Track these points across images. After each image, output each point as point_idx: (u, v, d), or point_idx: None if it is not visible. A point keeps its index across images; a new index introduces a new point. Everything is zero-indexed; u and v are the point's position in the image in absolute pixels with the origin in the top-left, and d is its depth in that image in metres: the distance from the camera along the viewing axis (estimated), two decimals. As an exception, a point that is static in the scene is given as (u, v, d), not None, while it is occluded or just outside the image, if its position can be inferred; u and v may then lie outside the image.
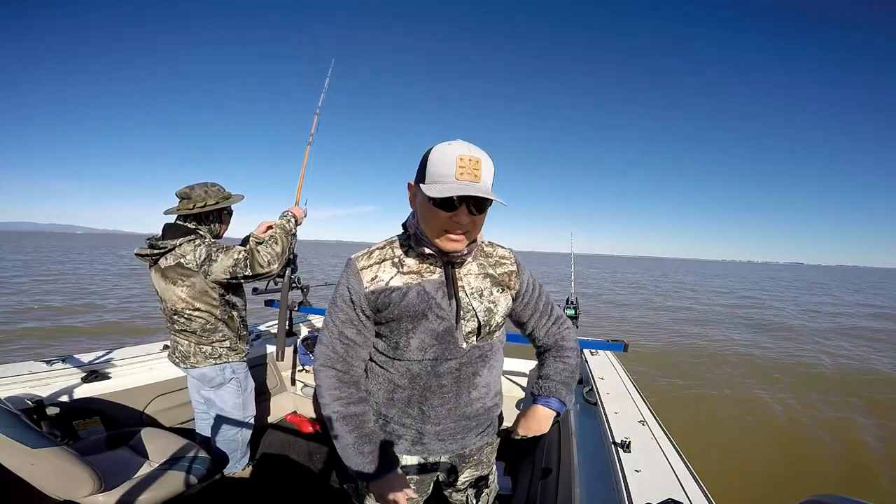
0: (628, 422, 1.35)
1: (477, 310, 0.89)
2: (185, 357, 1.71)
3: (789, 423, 4.21)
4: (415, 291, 0.86)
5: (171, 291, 1.64)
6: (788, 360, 6.84)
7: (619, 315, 11.12)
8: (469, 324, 0.89)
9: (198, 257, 1.61)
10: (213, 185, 1.75)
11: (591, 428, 1.40)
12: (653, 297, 16.42)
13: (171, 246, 1.61)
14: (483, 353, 0.92)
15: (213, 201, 1.71)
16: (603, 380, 1.79)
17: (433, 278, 0.88)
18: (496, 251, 0.99)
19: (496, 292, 0.93)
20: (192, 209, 1.66)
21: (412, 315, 0.86)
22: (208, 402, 1.80)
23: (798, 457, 3.49)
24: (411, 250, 0.90)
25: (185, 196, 1.69)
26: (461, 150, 0.76)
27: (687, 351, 7.13)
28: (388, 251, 0.92)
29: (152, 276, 1.69)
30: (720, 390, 5.13)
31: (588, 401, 1.61)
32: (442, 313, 0.87)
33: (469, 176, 0.75)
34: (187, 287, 1.63)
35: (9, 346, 5.80)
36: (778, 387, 5.37)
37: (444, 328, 0.87)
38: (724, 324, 10.33)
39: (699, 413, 4.39)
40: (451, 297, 0.87)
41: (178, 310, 1.65)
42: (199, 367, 1.71)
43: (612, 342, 2.07)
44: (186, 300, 1.64)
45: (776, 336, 8.93)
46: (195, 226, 1.70)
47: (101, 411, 1.78)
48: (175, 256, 1.62)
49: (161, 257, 1.64)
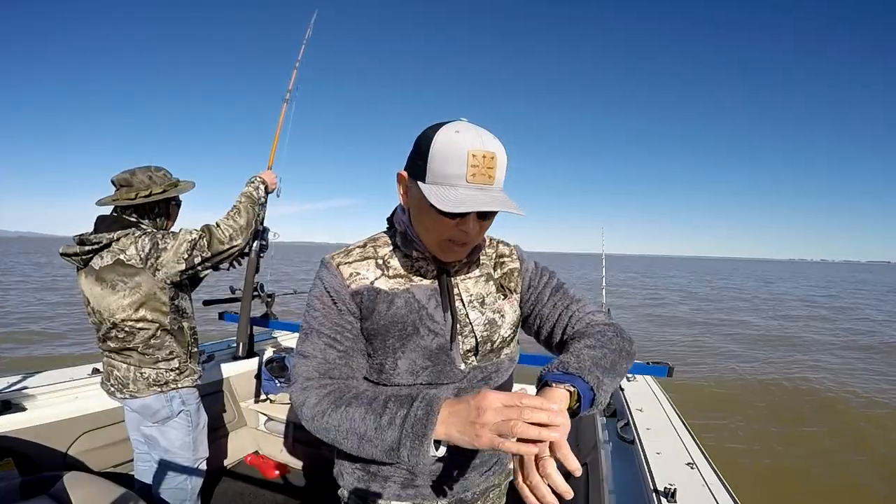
0: (674, 464, 1.35)
1: (475, 323, 0.90)
2: (122, 385, 1.68)
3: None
4: (402, 300, 0.87)
5: (109, 298, 1.62)
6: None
7: (659, 331, 11.14)
8: (468, 340, 0.90)
9: (141, 249, 1.60)
10: (157, 169, 1.75)
11: (627, 471, 1.40)
12: (705, 305, 16.44)
13: (106, 241, 1.60)
14: (487, 376, 0.92)
15: (158, 189, 1.70)
16: (642, 412, 1.79)
17: (424, 284, 0.89)
18: (497, 248, 0.99)
19: (500, 299, 0.94)
20: (133, 199, 1.65)
21: (400, 329, 0.86)
22: (150, 440, 1.78)
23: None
24: (398, 250, 0.91)
25: (126, 183, 1.68)
26: (472, 142, 0.74)
27: (755, 378, 7.13)
28: (369, 250, 0.92)
29: (81, 280, 1.68)
30: (804, 424, 5.08)
31: (623, 438, 1.61)
32: (435, 327, 0.87)
33: (483, 177, 0.75)
34: (130, 290, 1.61)
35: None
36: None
37: (439, 346, 0.87)
38: (821, 346, 10.26)
39: (766, 453, 4.38)
40: (445, 308, 0.88)
41: (117, 322, 1.63)
42: (139, 396, 1.69)
43: (653, 365, 2.07)
44: (127, 308, 1.62)
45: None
46: (136, 219, 1.70)
47: (14, 451, 1.77)
48: (113, 253, 1.60)
49: (94, 256, 1.63)
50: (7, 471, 1.74)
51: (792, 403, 5.99)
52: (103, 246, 1.61)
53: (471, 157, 0.74)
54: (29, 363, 6.51)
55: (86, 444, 1.96)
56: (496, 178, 0.77)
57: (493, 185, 0.76)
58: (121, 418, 1.95)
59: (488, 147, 0.75)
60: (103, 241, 1.60)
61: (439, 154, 0.75)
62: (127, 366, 1.68)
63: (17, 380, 2.03)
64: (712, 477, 1.28)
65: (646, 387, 2.13)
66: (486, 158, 0.75)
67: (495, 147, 0.77)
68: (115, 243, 1.61)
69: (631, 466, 1.43)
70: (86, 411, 1.97)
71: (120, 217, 1.68)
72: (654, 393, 2.05)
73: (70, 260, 1.66)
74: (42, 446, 1.85)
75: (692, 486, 1.23)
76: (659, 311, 15.35)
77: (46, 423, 1.87)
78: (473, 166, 0.74)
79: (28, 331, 8.67)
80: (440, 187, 0.75)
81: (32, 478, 1.66)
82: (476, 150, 0.74)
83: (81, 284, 1.68)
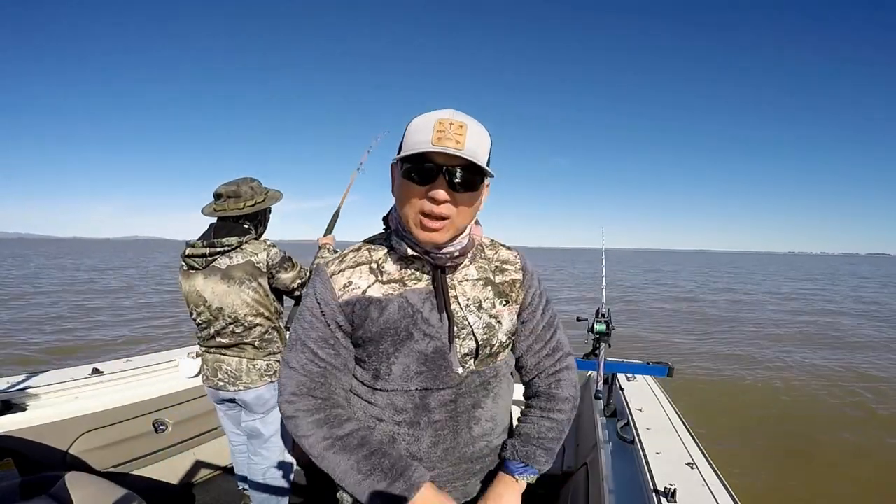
0: (674, 464, 1.35)
1: (474, 326, 0.88)
2: (234, 378, 1.79)
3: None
4: (396, 304, 0.86)
5: (234, 295, 1.75)
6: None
7: (656, 329, 11.13)
8: (465, 343, 0.88)
9: (271, 259, 1.79)
10: (252, 180, 1.89)
11: (627, 471, 1.41)
12: (707, 300, 16.41)
13: (237, 243, 1.76)
14: (485, 381, 0.91)
15: (260, 199, 1.87)
16: (642, 412, 1.79)
17: (419, 287, 0.88)
18: (499, 253, 0.98)
19: (500, 304, 0.92)
20: (241, 209, 1.80)
21: (393, 334, 0.85)
22: (252, 433, 1.88)
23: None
24: (392, 252, 0.90)
25: (234, 195, 1.82)
26: (443, 114, 0.76)
27: (758, 375, 7.13)
28: (364, 254, 0.92)
29: (197, 280, 1.78)
30: (812, 425, 5.07)
31: (623, 438, 1.62)
32: (430, 331, 0.86)
33: (450, 141, 0.74)
34: (253, 289, 1.77)
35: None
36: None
37: (434, 349, 0.86)
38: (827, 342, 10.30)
39: (770, 454, 4.37)
40: (441, 309, 0.86)
41: (239, 317, 1.76)
42: (253, 387, 1.79)
43: (653, 365, 2.07)
44: (252, 304, 1.77)
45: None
46: (249, 226, 1.85)
47: (15, 451, 1.78)
48: (244, 254, 1.77)
49: (217, 258, 1.76)
50: (7, 471, 1.75)
51: (792, 403, 5.99)
52: (232, 248, 1.76)
53: (437, 123, 0.75)
54: (29, 363, 6.52)
55: (86, 444, 1.97)
56: (466, 145, 0.75)
57: (463, 150, 0.74)
58: (120, 418, 1.96)
59: (458, 118, 0.76)
60: (234, 244, 1.75)
61: (412, 128, 0.78)
62: (239, 359, 1.80)
63: (17, 380, 2.03)
64: (712, 477, 1.28)
65: (646, 386, 2.13)
66: (453, 125, 0.74)
67: (468, 120, 0.77)
68: (246, 245, 1.78)
69: (631, 466, 1.43)
70: (86, 411, 1.97)
71: (238, 224, 1.83)
72: (654, 392, 2.05)
73: (192, 261, 1.77)
74: (42, 446, 1.85)
75: (692, 486, 1.23)
76: (657, 305, 15.34)
77: (46, 423, 1.87)
78: (440, 131, 0.74)
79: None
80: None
81: (32, 478, 1.67)
82: (444, 118, 0.75)
83: (198, 284, 1.78)
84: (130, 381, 2.18)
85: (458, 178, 0.76)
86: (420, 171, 0.76)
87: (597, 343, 2.06)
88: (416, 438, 0.89)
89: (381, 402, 0.89)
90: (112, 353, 6.81)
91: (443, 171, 0.75)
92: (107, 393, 2.07)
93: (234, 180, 1.85)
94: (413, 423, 0.88)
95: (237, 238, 1.76)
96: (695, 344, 9.59)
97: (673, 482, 1.20)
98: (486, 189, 0.86)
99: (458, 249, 0.86)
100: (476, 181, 0.78)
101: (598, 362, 1.95)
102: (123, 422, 2.00)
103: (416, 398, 0.87)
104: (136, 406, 2.11)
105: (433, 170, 0.75)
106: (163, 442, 2.22)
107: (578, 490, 1.54)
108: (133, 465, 2.09)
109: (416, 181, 0.77)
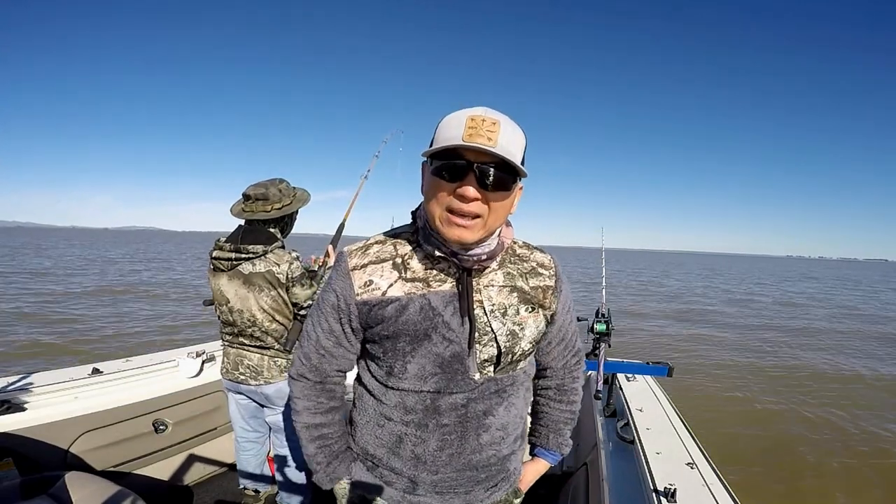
0: (673, 464, 1.35)
1: (497, 332, 0.86)
2: (256, 373, 1.85)
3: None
4: (417, 305, 0.84)
5: (252, 300, 1.80)
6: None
7: (654, 328, 11.13)
8: (486, 350, 0.86)
9: (291, 272, 1.82)
10: (280, 181, 1.89)
11: (627, 472, 1.41)
12: (707, 301, 16.42)
13: (261, 251, 1.79)
14: (501, 388, 0.90)
15: (287, 202, 1.88)
16: (642, 412, 1.80)
17: (443, 289, 0.85)
18: (533, 255, 0.95)
19: (524, 311, 0.89)
20: (269, 212, 1.82)
21: (412, 335, 0.84)
22: (275, 426, 1.94)
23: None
24: (419, 249, 0.88)
25: (262, 197, 1.83)
26: (476, 111, 0.75)
27: (758, 375, 7.13)
28: (389, 248, 0.90)
29: (222, 281, 1.83)
30: (806, 424, 5.11)
31: (623, 438, 1.62)
32: (450, 335, 0.84)
33: (481, 138, 0.72)
34: (271, 298, 1.81)
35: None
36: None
37: (453, 354, 0.85)
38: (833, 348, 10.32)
39: (770, 454, 4.38)
40: (464, 314, 0.84)
41: (257, 321, 1.81)
42: (273, 381, 1.85)
43: (653, 364, 2.08)
44: (268, 311, 1.82)
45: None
46: (275, 230, 1.88)
47: (14, 451, 1.78)
48: (267, 263, 1.80)
49: (243, 262, 1.80)
50: (7, 471, 1.75)
51: (792, 402, 6.00)
52: (257, 255, 1.80)
53: (469, 119, 0.73)
54: (29, 363, 6.51)
55: (86, 443, 1.97)
56: (498, 142, 0.72)
57: (495, 147, 0.72)
58: (120, 418, 1.96)
59: (491, 115, 0.74)
60: (259, 252, 1.79)
61: (443, 124, 0.77)
62: (260, 356, 1.86)
63: (17, 380, 2.03)
64: (712, 477, 1.29)
65: (646, 386, 2.13)
66: (486, 122, 0.73)
67: (501, 117, 0.75)
68: (270, 255, 1.81)
69: (631, 466, 1.43)
70: (86, 411, 1.97)
71: (265, 229, 1.85)
72: (653, 392, 2.05)
73: (219, 262, 1.82)
74: (42, 446, 1.85)
75: (692, 486, 1.23)
76: (656, 305, 15.34)
77: (46, 423, 1.87)
78: (471, 128, 0.72)
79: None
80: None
81: (32, 478, 1.67)
82: (476, 115, 0.74)
83: (222, 285, 1.83)
84: (130, 381, 2.17)
85: (490, 176, 0.74)
86: (450, 167, 0.75)
87: (597, 343, 2.06)
88: (423, 440, 0.88)
89: (391, 401, 0.89)
90: (112, 353, 6.81)
91: (473, 168, 0.74)
92: (107, 393, 2.07)
93: (262, 182, 1.86)
94: (421, 425, 0.88)
95: (262, 247, 1.79)
96: (695, 344, 9.59)
97: (673, 482, 1.21)
98: (520, 191, 0.84)
99: (486, 252, 0.84)
100: (508, 181, 0.76)
101: (599, 362, 1.95)
102: (123, 422, 2.00)
103: (427, 399, 0.87)
104: (136, 406, 2.11)
105: (463, 167, 0.74)
106: (163, 442, 2.22)
107: (578, 490, 1.54)
108: (133, 465, 2.09)
109: (446, 178, 0.75)
